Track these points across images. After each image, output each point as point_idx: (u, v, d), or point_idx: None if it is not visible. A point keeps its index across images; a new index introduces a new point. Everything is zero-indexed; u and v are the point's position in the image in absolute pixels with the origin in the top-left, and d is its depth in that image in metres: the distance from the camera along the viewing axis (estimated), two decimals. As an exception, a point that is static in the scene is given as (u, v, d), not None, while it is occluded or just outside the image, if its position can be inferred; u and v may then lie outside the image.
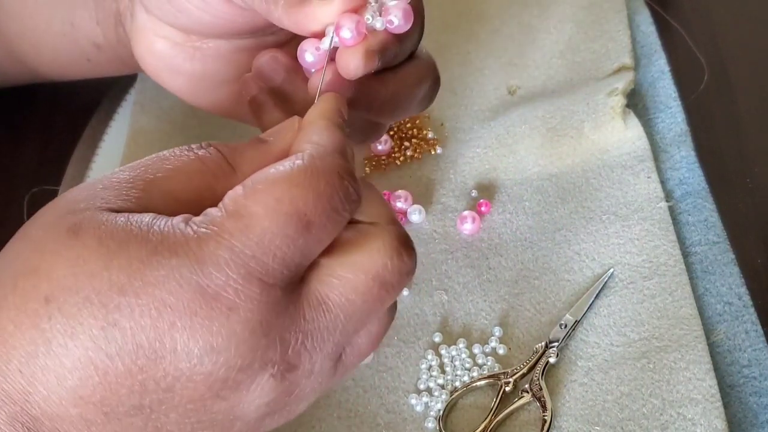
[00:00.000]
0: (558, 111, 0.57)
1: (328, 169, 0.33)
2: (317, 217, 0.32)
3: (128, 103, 0.60)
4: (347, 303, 0.33)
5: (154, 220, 0.32)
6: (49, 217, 0.33)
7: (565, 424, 0.45)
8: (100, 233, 0.31)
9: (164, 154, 0.35)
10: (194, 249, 0.31)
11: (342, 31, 0.37)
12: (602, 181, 0.54)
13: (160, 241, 0.31)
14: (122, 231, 0.31)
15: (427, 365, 0.48)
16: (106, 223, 0.31)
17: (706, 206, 0.53)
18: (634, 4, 0.65)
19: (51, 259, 0.31)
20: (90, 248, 0.31)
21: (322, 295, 0.33)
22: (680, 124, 0.57)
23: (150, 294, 0.30)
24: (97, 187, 0.33)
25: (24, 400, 0.31)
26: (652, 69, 0.60)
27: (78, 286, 0.30)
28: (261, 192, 0.32)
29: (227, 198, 0.32)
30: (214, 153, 0.35)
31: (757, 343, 0.47)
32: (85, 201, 0.32)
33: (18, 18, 0.53)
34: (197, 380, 0.31)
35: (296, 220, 0.32)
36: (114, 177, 0.34)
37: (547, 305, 0.50)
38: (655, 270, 0.50)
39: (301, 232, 0.32)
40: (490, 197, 0.55)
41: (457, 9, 0.66)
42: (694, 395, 0.45)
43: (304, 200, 0.32)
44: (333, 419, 0.46)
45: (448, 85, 0.61)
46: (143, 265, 0.30)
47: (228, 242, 0.31)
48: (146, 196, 0.33)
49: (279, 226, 0.31)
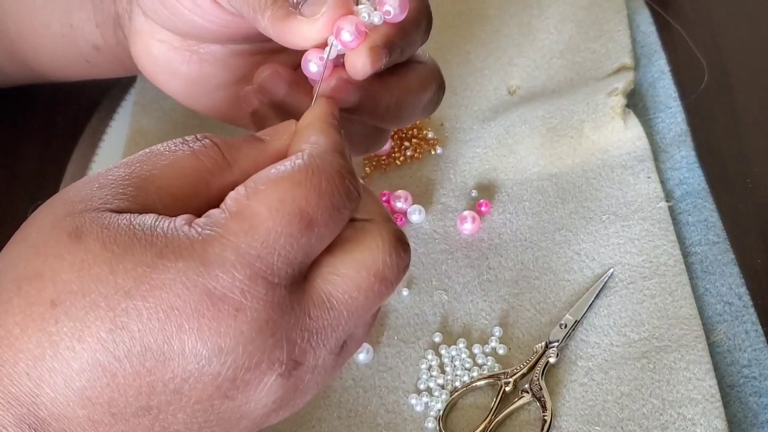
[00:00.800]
0: (558, 111, 0.57)
1: (329, 168, 0.33)
2: (320, 216, 0.32)
3: (128, 103, 0.61)
4: (350, 300, 0.34)
5: (157, 221, 0.32)
6: (47, 218, 0.33)
7: (565, 424, 0.45)
8: (104, 237, 0.31)
9: (159, 149, 0.34)
10: (199, 251, 0.31)
11: (342, 34, 0.37)
12: (602, 181, 0.55)
13: (165, 244, 0.31)
14: (126, 234, 0.31)
15: (427, 365, 0.48)
16: (108, 226, 0.31)
17: (706, 206, 0.53)
18: (634, 4, 0.65)
19: (55, 264, 0.31)
20: (94, 252, 0.31)
21: (325, 293, 0.33)
22: (680, 124, 0.57)
23: (157, 297, 0.31)
24: (93, 186, 0.33)
25: (31, 402, 0.31)
26: (652, 69, 0.61)
27: (84, 290, 0.31)
28: (263, 192, 0.32)
29: (229, 199, 0.32)
30: (210, 146, 0.35)
31: (757, 343, 0.47)
32: (83, 202, 0.32)
33: (17, 19, 0.53)
34: (205, 381, 0.32)
35: (299, 219, 0.32)
36: (110, 174, 0.34)
37: (547, 305, 0.50)
38: (655, 270, 0.50)
39: (304, 231, 0.32)
40: (490, 197, 0.55)
41: (457, 9, 0.66)
42: (694, 395, 0.45)
43: (306, 199, 0.32)
44: (333, 419, 0.46)
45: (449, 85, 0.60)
46: (149, 269, 0.31)
47: (233, 243, 0.31)
48: (142, 193, 0.33)
49: (283, 225, 0.32)
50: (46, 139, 0.60)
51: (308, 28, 0.37)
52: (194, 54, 0.45)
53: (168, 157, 0.34)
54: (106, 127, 0.59)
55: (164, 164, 0.34)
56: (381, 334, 0.49)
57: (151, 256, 0.31)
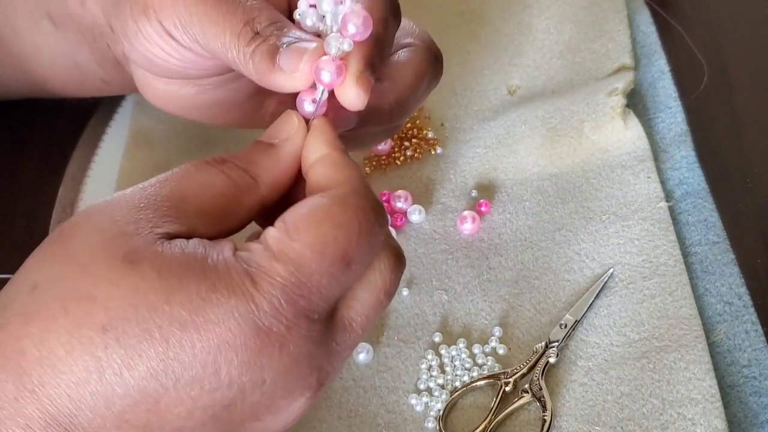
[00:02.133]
0: (558, 111, 0.57)
1: (363, 205, 0.35)
2: (358, 255, 0.34)
3: (128, 103, 0.60)
4: (366, 320, 0.36)
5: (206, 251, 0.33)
6: (94, 237, 0.33)
7: (565, 424, 0.45)
8: (159, 266, 0.32)
9: (190, 169, 0.35)
10: (250, 289, 0.32)
11: (322, 75, 0.37)
12: (602, 181, 0.54)
13: (218, 278, 0.32)
14: (179, 265, 0.32)
15: (427, 365, 0.48)
16: (162, 254, 0.32)
17: (706, 206, 0.53)
18: (634, 4, 0.65)
19: (107, 289, 0.31)
20: (149, 281, 0.32)
21: (347, 318, 0.36)
22: (680, 124, 0.57)
23: (211, 331, 0.32)
24: (136, 205, 0.34)
25: (69, 422, 0.32)
26: (652, 69, 0.61)
27: (138, 318, 0.31)
28: (306, 233, 0.33)
29: (271, 238, 0.34)
30: (234, 167, 0.36)
31: (757, 343, 0.47)
32: (131, 223, 0.33)
33: (24, 53, 0.53)
34: (244, 408, 0.33)
35: (340, 259, 0.34)
36: (147, 192, 0.34)
37: (547, 305, 0.50)
38: (655, 270, 0.50)
39: (343, 270, 0.34)
40: (490, 197, 0.55)
41: (457, 9, 0.66)
42: (694, 395, 0.45)
43: (347, 240, 0.34)
44: (333, 419, 0.46)
45: (448, 85, 0.61)
46: (203, 303, 0.32)
47: (280, 283, 0.33)
48: (183, 214, 0.34)
49: (326, 267, 0.33)
50: (46, 138, 0.60)
51: (291, 83, 0.38)
52: (198, 87, 0.45)
53: (201, 177, 0.35)
54: (106, 127, 0.59)
55: (199, 185, 0.35)
56: (381, 334, 0.49)
57: (204, 290, 0.32)
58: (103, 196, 0.54)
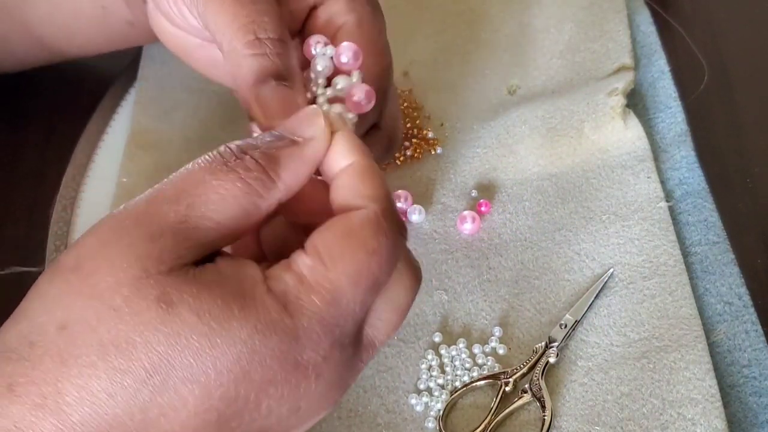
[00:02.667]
0: (558, 111, 0.57)
1: (393, 229, 0.35)
2: (384, 277, 0.35)
3: (128, 103, 0.60)
4: (387, 337, 0.37)
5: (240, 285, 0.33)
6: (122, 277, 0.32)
7: (565, 424, 0.45)
8: (197, 308, 0.32)
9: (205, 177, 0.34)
10: (290, 326, 0.33)
11: None
12: (602, 181, 0.55)
13: (258, 319, 0.32)
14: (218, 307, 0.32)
15: (427, 365, 0.48)
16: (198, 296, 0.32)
17: (706, 206, 0.53)
18: (634, 4, 0.65)
19: (148, 334, 0.31)
20: (190, 325, 0.31)
21: (370, 337, 0.36)
22: (680, 124, 0.57)
23: (255, 372, 0.32)
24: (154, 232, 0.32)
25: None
26: (652, 69, 0.61)
27: (183, 365, 0.31)
28: (341, 262, 0.33)
29: (305, 268, 0.33)
30: (254, 166, 0.34)
31: (757, 343, 0.47)
32: (156, 258, 0.32)
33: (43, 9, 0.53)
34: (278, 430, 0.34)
35: (372, 285, 0.34)
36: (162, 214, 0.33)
37: (547, 305, 0.50)
38: (655, 270, 0.50)
39: (373, 294, 0.35)
40: (490, 197, 0.55)
41: (457, 9, 0.66)
42: (694, 395, 0.45)
43: (379, 267, 0.34)
44: (333, 419, 0.46)
45: (449, 85, 0.61)
46: (246, 348, 0.32)
47: (318, 316, 0.33)
48: (204, 234, 0.33)
49: (360, 295, 0.34)
50: (46, 138, 0.60)
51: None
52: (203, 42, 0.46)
53: (218, 186, 0.34)
54: (106, 127, 0.59)
55: (217, 199, 0.33)
56: (381, 334, 0.49)
57: (247, 332, 0.32)
58: (103, 195, 0.55)
